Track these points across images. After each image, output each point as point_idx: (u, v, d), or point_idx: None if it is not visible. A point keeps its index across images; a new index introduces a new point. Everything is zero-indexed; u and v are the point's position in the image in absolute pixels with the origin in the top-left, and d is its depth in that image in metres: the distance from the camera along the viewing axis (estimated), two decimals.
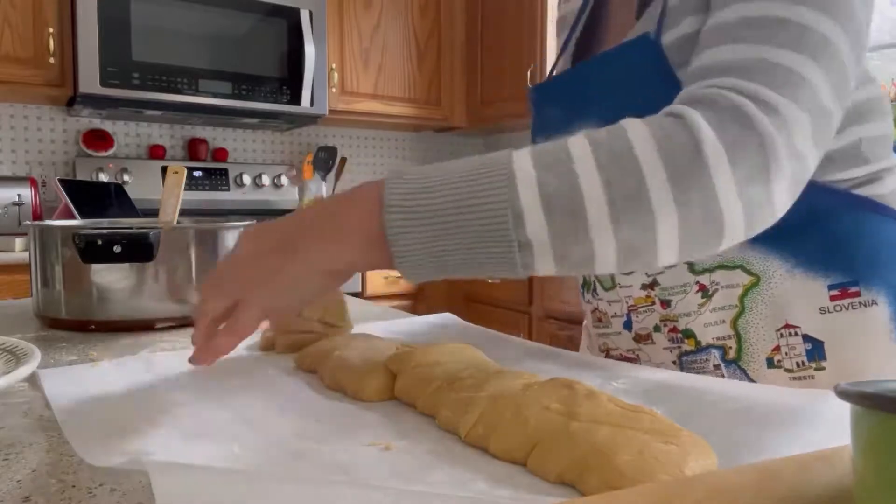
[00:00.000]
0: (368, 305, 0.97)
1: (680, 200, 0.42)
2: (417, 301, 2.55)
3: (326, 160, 2.83)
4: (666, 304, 0.62)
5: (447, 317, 0.83)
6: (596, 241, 0.42)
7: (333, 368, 0.53)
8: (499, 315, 2.38)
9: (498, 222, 0.42)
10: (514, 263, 0.43)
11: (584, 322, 0.81)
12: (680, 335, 0.62)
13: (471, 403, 0.41)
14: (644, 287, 0.63)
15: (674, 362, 0.63)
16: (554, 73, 0.73)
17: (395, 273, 2.74)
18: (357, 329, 0.69)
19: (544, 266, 0.43)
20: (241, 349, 0.67)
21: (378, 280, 2.46)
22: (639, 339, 0.65)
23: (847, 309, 0.57)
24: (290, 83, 2.47)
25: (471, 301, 2.56)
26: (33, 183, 2.20)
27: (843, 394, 0.22)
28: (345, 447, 0.39)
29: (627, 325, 0.66)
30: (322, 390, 0.52)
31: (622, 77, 0.59)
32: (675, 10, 0.55)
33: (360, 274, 2.42)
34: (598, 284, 0.69)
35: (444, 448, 0.40)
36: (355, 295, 1.77)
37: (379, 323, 0.80)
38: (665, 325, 0.63)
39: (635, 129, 0.44)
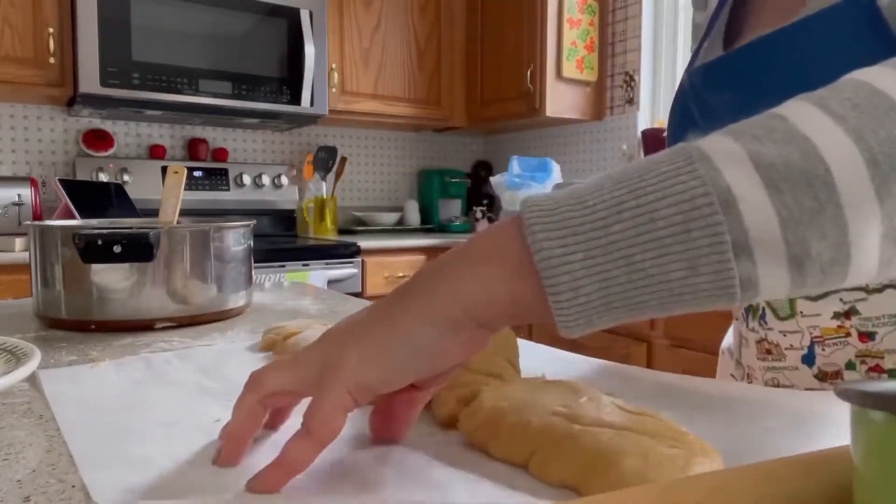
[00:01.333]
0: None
1: None
2: None
3: (326, 160, 2.83)
4: (867, 336, 0.52)
5: None
6: (852, 225, 0.29)
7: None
8: None
9: (698, 214, 0.28)
10: (729, 273, 0.29)
11: (725, 346, 0.71)
12: (885, 376, 0.51)
13: (473, 407, 0.41)
14: (837, 316, 0.52)
15: None
16: (700, 58, 0.62)
17: (394, 272, 2.69)
18: None
19: (772, 274, 0.29)
20: (244, 349, 0.67)
21: (378, 280, 2.46)
22: (823, 377, 0.54)
23: None
24: (290, 83, 2.47)
25: None
26: (33, 183, 2.20)
27: (843, 393, 0.22)
28: (341, 449, 0.39)
29: (808, 359, 0.55)
30: None
31: (824, 47, 0.48)
32: None
33: (361, 273, 2.42)
34: (768, 311, 0.57)
35: (442, 451, 0.39)
36: (355, 295, 1.77)
37: None
38: (863, 364, 0.52)
39: (880, 76, 0.32)
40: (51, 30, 2.12)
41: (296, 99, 2.48)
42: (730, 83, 0.56)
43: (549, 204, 0.31)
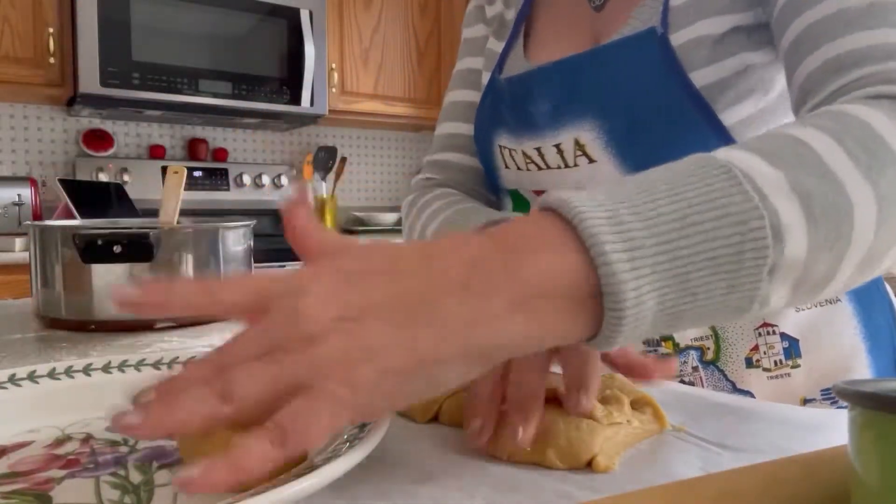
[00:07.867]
0: None
1: None
2: None
3: (326, 160, 2.83)
4: None
5: None
6: (848, 254, 0.32)
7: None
8: None
9: (752, 237, 0.28)
10: (757, 293, 0.29)
11: None
12: (656, 338, 0.59)
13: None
14: None
15: None
16: (507, 68, 0.68)
17: None
18: None
19: (779, 293, 0.31)
20: None
21: None
22: None
23: (817, 306, 0.58)
24: (290, 83, 2.47)
25: None
26: (33, 183, 2.21)
27: (841, 393, 0.22)
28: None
29: None
30: None
31: (624, 71, 0.56)
32: (685, 11, 0.53)
33: None
34: None
35: (441, 457, 0.39)
36: None
37: None
38: None
39: (875, 118, 0.35)
40: (51, 30, 2.12)
41: (296, 99, 2.48)
42: (544, 95, 0.62)
43: (603, 212, 0.28)
